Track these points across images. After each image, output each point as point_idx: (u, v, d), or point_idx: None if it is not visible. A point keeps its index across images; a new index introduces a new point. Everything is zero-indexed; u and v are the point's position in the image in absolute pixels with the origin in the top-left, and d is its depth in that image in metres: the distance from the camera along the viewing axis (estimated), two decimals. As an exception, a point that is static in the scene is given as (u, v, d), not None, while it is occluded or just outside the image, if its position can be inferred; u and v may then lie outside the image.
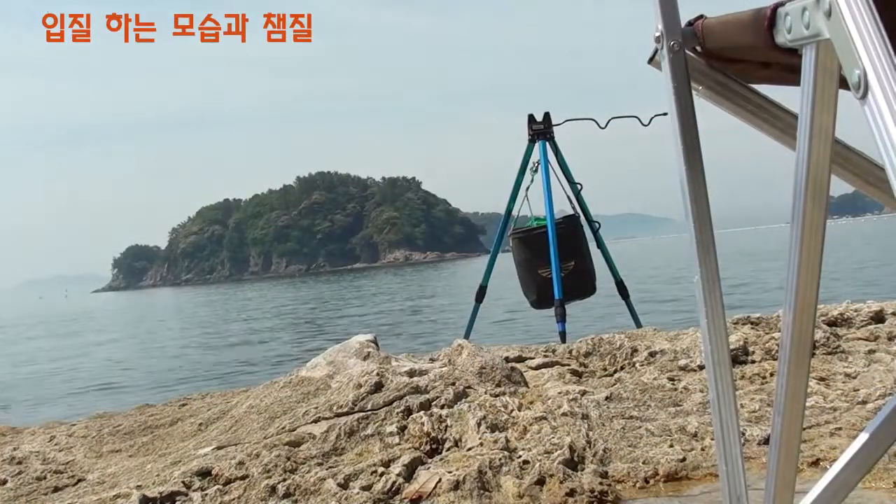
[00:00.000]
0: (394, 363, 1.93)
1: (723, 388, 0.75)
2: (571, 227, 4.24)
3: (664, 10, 0.74)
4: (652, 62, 0.79)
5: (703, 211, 0.74)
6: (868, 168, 0.78)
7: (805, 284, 0.67)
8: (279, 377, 2.08)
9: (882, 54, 0.51)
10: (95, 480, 1.68)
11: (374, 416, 1.63)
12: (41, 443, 2.09)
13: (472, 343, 1.99)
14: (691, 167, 0.73)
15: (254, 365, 8.79)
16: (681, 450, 1.44)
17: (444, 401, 1.66)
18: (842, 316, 2.29)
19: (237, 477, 1.44)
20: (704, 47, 0.75)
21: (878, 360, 1.91)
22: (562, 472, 1.35)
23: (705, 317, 0.74)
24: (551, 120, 4.34)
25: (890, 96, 0.49)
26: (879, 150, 0.50)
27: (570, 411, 1.62)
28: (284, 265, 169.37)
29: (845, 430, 1.46)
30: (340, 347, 2.13)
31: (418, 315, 14.97)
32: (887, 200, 0.81)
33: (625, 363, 2.13)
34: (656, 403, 1.72)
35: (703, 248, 0.74)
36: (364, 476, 1.40)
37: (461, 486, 1.32)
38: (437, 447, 1.55)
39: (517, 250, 4.29)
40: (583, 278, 4.21)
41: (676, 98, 0.74)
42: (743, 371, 1.90)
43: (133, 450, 1.94)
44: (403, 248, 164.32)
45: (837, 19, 0.54)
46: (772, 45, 0.64)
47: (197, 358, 10.78)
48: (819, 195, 0.64)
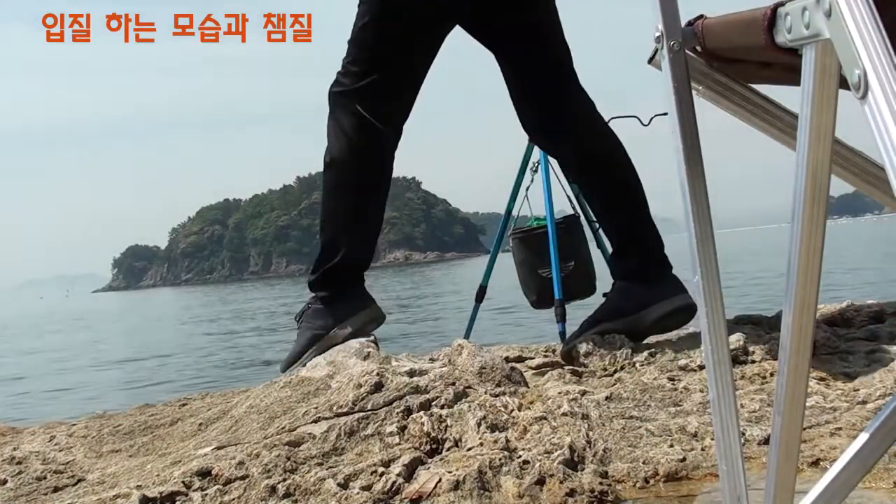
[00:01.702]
0: (394, 363, 1.93)
1: (723, 388, 0.75)
2: (571, 227, 4.24)
3: (664, 10, 0.74)
4: (652, 62, 0.79)
5: (703, 211, 0.74)
6: (868, 168, 0.78)
7: (805, 284, 0.67)
8: (279, 377, 2.08)
9: (882, 54, 0.51)
10: (95, 480, 1.68)
11: (374, 416, 1.63)
12: (41, 443, 2.09)
13: (472, 343, 1.99)
14: (691, 167, 0.73)
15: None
16: (681, 450, 1.44)
17: (444, 401, 1.66)
18: (842, 316, 2.29)
19: (237, 477, 1.44)
20: (704, 47, 0.75)
21: (878, 360, 1.91)
22: (562, 472, 1.35)
23: (705, 317, 0.74)
24: (551, 120, 4.34)
25: (890, 96, 0.49)
26: (879, 150, 0.50)
27: (570, 411, 1.62)
28: (284, 265, 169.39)
29: (845, 430, 1.46)
30: (340, 347, 2.13)
31: (418, 315, 14.98)
32: (887, 200, 0.81)
33: (625, 363, 2.13)
34: (656, 403, 1.72)
35: (703, 248, 0.74)
36: (364, 476, 1.40)
37: (461, 486, 1.32)
38: (437, 447, 1.55)
39: (517, 250, 4.29)
40: (583, 278, 4.21)
41: (676, 98, 0.74)
42: (743, 371, 1.90)
43: (133, 450, 1.94)
44: (403, 248, 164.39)
45: (837, 19, 0.54)
46: (772, 45, 0.64)
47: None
48: (819, 195, 0.64)
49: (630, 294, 2.26)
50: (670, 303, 2.19)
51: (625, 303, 2.26)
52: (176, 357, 11.25)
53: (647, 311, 2.20)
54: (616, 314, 2.25)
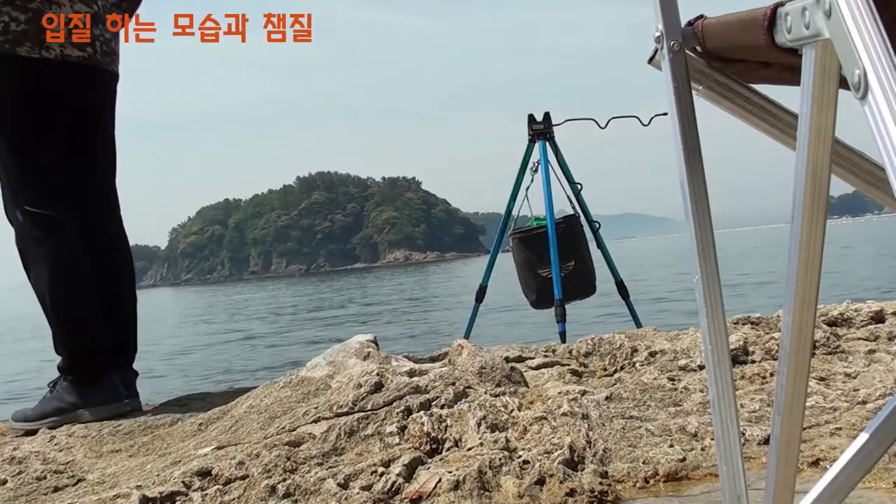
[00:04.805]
0: (394, 363, 1.92)
1: (723, 388, 0.75)
2: (571, 227, 4.25)
3: (664, 10, 0.74)
4: (652, 62, 0.79)
5: (703, 211, 0.74)
6: (868, 168, 0.78)
7: (805, 284, 0.67)
8: (279, 377, 2.08)
9: (882, 54, 0.51)
10: (95, 480, 1.68)
11: (374, 416, 1.63)
12: (41, 443, 2.09)
13: (472, 343, 1.99)
14: (691, 167, 0.73)
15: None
16: (681, 450, 1.44)
17: (444, 401, 1.66)
18: (842, 316, 2.29)
19: (237, 477, 1.44)
20: (704, 47, 0.75)
21: (878, 360, 1.91)
22: (562, 471, 1.35)
23: (705, 317, 0.74)
24: (551, 120, 4.34)
25: (890, 96, 0.49)
26: (879, 150, 0.50)
27: (570, 411, 1.62)
28: (284, 265, 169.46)
29: (845, 430, 1.46)
30: (340, 347, 2.13)
31: (418, 315, 14.98)
32: (887, 200, 0.81)
33: (625, 363, 2.13)
34: (656, 403, 1.72)
35: (703, 248, 0.74)
36: (364, 476, 1.40)
37: (461, 486, 1.32)
38: (437, 447, 1.54)
39: (517, 250, 4.29)
40: (583, 278, 4.21)
41: (676, 98, 0.74)
42: (743, 371, 1.90)
43: (133, 450, 1.94)
44: (403, 248, 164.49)
45: (837, 19, 0.54)
46: (772, 45, 0.64)
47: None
48: (819, 195, 0.64)
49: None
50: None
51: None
52: (177, 357, 11.25)
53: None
54: None
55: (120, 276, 2.58)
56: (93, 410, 2.36)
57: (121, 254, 2.60)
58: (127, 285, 2.61)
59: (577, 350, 2.31)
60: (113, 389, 2.44)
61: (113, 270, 2.55)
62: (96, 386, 2.41)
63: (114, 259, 2.57)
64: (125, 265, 2.62)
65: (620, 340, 2.23)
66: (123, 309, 2.57)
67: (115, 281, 2.56)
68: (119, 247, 2.59)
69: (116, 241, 2.59)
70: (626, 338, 2.26)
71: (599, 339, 2.31)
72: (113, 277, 2.55)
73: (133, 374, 2.61)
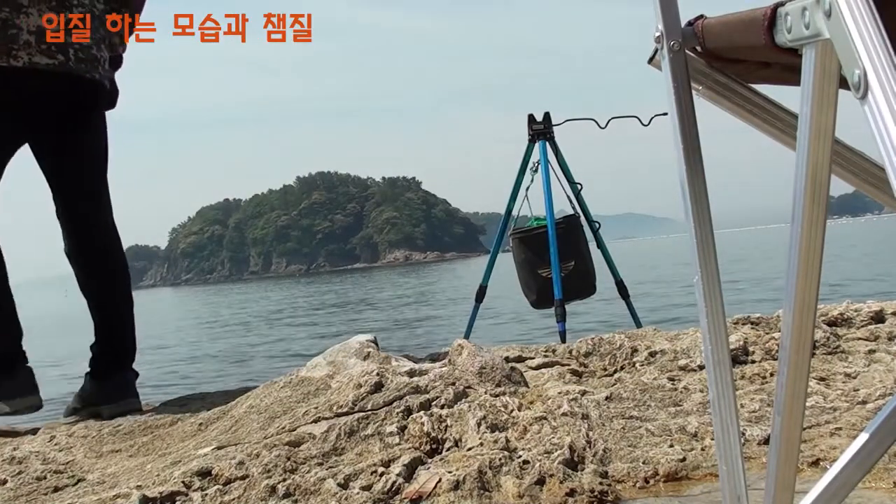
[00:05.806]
0: (394, 363, 1.92)
1: (723, 388, 0.75)
2: (571, 227, 4.24)
3: (664, 10, 0.74)
4: (652, 62, 0.79)
5: (703, 211, 0.74)
6: (868, 168, 0.78)
7: (805, 284, 0.67)
8: (279, 377, 2.08)
9: (882, 54, 0.51)
10: (95, 480, 1.68)
11: (374, 416, 1.63)
12: (41, 443, 2.09)
13: (472, 343, 1.99)
14: (691, 167, 0.73)
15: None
16: (681, 450, 1.44)
17: (444, 401, 1.66)
18: (842, 316, 2.29)
19: (237, 477, 1.44)
20: (704, 47, 0.75)
21: (878, 360, 1.91)
22: (562, 471, 1.35)
23: (705, 317, 0.74)
24: (551, 120, 4.34)
25: (890, 96, 0.49)
26: (879, 150, 0.50)
27: (570, 411, 1.62)
28: (284, 265, 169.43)
29: (845, 430, 1.46)
30: (340, 347, 2.13)
31: (418, 315, 14.97)
32: (887, 200, 0.81)
33: (625, 363, 2.13)
34: (656, 403, 1.72)
35: (703, 248, 0.74)
36: (364, 476, 1.40)
37: (461, 486, 1.32)
38: (437, 447, 1.54)
39: (517, 250, 4.29)
40: (583, 278, 4.21)
41: (676, 98, 0.74)
42: (743, 371, 1.90)
43: (133, 450, 1.94)
44: (403, 248, 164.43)
45: (837, 19, 0.54)
46: (772, 45, 0.64)
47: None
48: (819, 195, 0.64)
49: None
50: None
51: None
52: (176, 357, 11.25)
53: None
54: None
55: (113, 278, 2.60)
56: (13, 402, 2.43)
57: (113, 255, 2.62)
58: (121, 286, 2.62)
59: (577, 350, 2.31)
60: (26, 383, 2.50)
61: (106, 272, 2.57)
62: (9, 380, 2.47)
63: (106, 260, 2.59)
64: (118, 266, 2.63)
65: (620, 340, 2.23)
66: (119, 310, 2.59)
67: (109, 282, 2.58)
68: (111, 248, 2.61)
69: (108, 243, 2.61)
70: (626, 338, 2.26)
71: (599, 339, 2.31)
72: (106, 279, 2.57)
73: (133, 375, 2.61)
